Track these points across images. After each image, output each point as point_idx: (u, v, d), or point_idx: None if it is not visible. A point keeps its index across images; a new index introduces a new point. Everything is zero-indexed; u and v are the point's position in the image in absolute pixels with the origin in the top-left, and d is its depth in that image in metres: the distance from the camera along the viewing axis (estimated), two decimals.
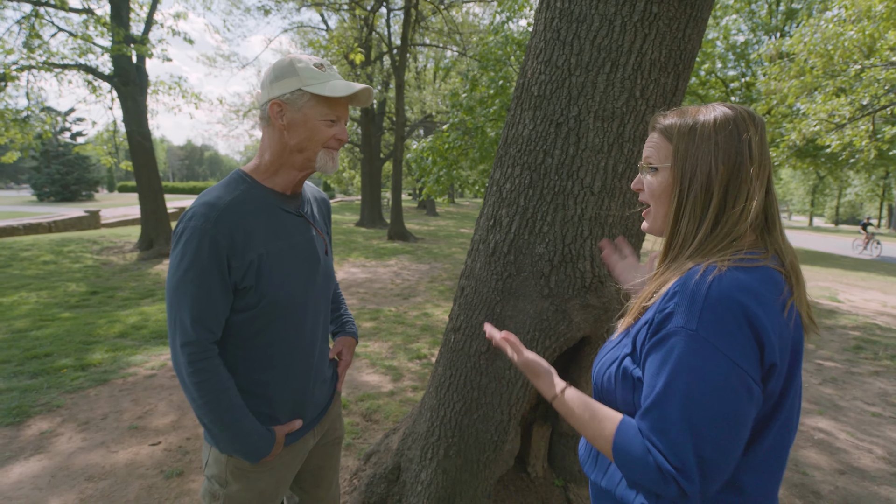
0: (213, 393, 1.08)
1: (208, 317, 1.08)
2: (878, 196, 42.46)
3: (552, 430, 2.36)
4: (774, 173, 5.60)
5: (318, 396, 1.35)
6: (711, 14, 17.09)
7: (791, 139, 8.82)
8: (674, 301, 0.76)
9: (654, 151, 0.88)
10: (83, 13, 9.56)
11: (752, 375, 0.71)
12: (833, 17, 7.97)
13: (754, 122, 0.81)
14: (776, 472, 0.81)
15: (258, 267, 1.11)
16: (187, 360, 1.07)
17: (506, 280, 1.83)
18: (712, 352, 0.71)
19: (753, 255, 0.78)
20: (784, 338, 0.74)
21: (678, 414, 0.72)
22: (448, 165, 7.48)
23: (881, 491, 2.61)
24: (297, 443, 1.31)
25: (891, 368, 4.54)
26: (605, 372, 0.90)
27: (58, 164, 34.20)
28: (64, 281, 7.10)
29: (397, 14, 16.72)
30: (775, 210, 0.83)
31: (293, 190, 1.24)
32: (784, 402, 0.77)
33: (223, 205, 1.09)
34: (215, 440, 1.16)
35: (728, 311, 0.71)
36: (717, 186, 0.80)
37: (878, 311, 7.00)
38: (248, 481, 1.22)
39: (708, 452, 0.71)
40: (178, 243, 1.08)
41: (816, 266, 12.61)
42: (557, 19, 1.70)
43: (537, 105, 1.74)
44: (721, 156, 0.80)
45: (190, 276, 1.06)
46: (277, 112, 1.13)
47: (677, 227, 0.84)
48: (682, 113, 0.86)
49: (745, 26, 17.63)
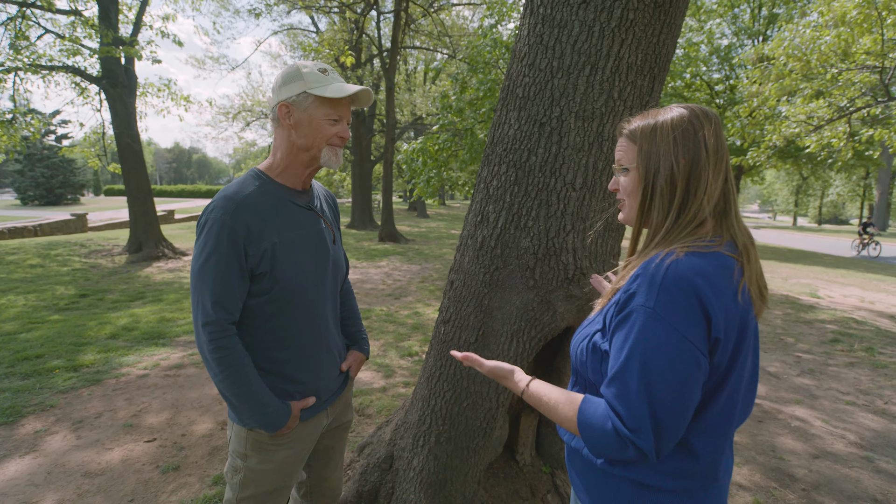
0: (231, 367, 1.19)
1: (227, 299, 1.19)
2: (860, 196, 43.33)
3: (539, 419, 2.45)
4: (758, 174, 5.79)
5: (332, 377, 1.46)
6: (696, 18, 17.41)
7: (772, 140, 9.05)
8: (636, 283, 0.86)
9: (623, 154, 0.98)
10: (70, 14, 9.51)
11: (699, 348, 0.81)
12: (811, 23, 8.21)
13: (708, 118, 0.90)
14: (724, 437, 0.90)
15: (272, 254, 1.23)
16: (208, 339, 1.18)
17: (493, 273, 1.92)
18: (667, 327, 0.80)
19: (709, 242, 0.88)
20: (731, 316, 0.84)
21: (636, 381, 0.81)
22: (438, 167, 7.57)
23: (852, 473, 2.74)
24: (312, 419, 1.41)
25: (865, 360, 4.71)
26: (579, 346, 1.00)
27: (42, 168, 33.70)
28: (52, 284, 7.06)
29: (387, 17, 16.80)
30: (732, 196, 0.93)
31: (303, 185, 1.37)
32: (731, 374, 0.87)
33: (240, 198, 1.21)
34: (236, 413, 1.26)
35: (681, 291, 0.81)
36: (679, 178, 0.89)
37: (856, 306, 7.21)
38: (267, 454, 1.32)
39: (661, 414, 0.80)
40: (202, 233, 1.20)
41: (799, 264, 12.89)
42: (540, 25, 1.79)
43: (522, 106, 1.83)
44: (681, 151, 0.89)
45: (211, 263, 1.17)
46: (285, 113, 1.26)
47: (647, 218, 0.94)
48: (644, 116, 0.95)
49: (728, 30, 17.98)
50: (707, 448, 0.89)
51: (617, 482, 0.94)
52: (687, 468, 0.89)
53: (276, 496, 1.38)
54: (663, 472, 0.89)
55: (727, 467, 0.95)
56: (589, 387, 1.00)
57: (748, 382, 0.91)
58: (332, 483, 1.65)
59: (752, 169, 15.80)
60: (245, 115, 22.25)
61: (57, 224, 15.01)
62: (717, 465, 0.91)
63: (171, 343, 4.60)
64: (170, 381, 3.69)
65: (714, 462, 0.90)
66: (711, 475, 0.91)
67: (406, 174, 8.25)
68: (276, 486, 1.36)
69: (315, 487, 1.63)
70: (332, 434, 1.59)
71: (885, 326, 6.01)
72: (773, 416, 3.45)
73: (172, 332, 4.89)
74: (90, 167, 10.57)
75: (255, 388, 1.23)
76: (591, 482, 0.99)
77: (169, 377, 3.78)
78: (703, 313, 0.80)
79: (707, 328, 0.81)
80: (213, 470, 2.56)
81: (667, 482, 0.89)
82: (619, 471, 0.93)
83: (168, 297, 6.51)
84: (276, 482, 1.36)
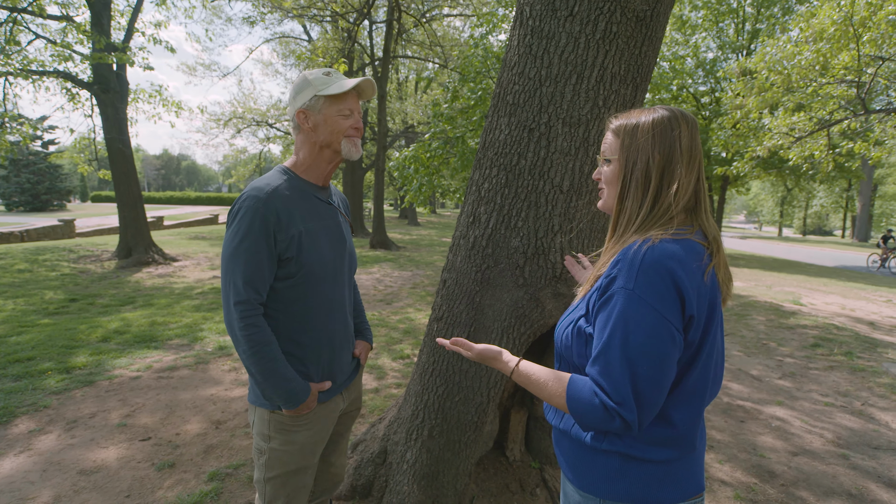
0: (259, 344, 1.29)
1: (257, 280, 1.29)
2: (842, 207, 44.29)
3: (528, 415, 2.53)
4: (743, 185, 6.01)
5: (347, 362, 1.58)
6: (682, 32, 17.81)
7: (755, 151, 9.30)
8: (617, 267, 0.94)
9: (607, 147, 1.08)
10: (62, 20, 9.52)
11: (675, 325, 0.89)
12: (791, 38, 8.49)
13: (686, 121, 1.00)
14: (698, 408, 0.99)
15: (299, 241, 1.34)
16: (239, 317, 1.27)
17: (484, 272, 2.00)
18: (645, 307, 0.88)
19: (681, 230, 0.97)
20: (702, 295, 0.92)
21: (618, 358, 0.89)
22: (430, 174, 7.67)
23: (829, 469, 2.84)
24: (330, 401, 1.51)
25: (844, 363, 4.85)
26: (564, 332, 1.07)
27: (28, 173, 33.25)
28: (41, 289, 7.01)
29: (379, 27, 16.99)
30: (703, 194, 1.02)
31: (324, 182, 1.50)
32: (703, 349, 0.95)
33: (270, 189, 1.32)
34: (261, 388, 1.35)
35: (657, 274, 0.89)
36: (654, 172, 0.98)
37: (837, 312, 7.41)
38: (289, 435, 1.42)
39: (642, 387, 0.88)
40: (234, 219, 1.30)
41: (783, 273, 13.17)
42: (529, 36, 1.90)
43: (512, 112, 1.93)
44: (657, 147, 0.98)
45: (244, 246, 1.27)
46: (303, 119, 1.40)
47: (623, 206, 1.03)
48: (629, 115, 1.05)
49: (713, 44, 18.44)
50: (683, 418, 0.97)
51: (604, 458, 1.00)
52: (667, 437, 0.97)
53: (300, 475, 1.47)
54: (646, 441, 0.97)
55: (702, 438, 1.04)
56: (574, 370, 1.06)
57: (718, 357, 1.00)
58: (336, 468, 1.75)
59: (738, 179, 16.13)
60: (236, 122, 22.24)
61: (44, 230, 14.85)
62: (693, 435, 0.99)
63: (163, 346, 4.60)
64: (163, 383, 3.71)
65: (690, 431, 0.98)
66: (689, 444, 0.99)
67: (398, 182, 8.33)
68: (298, 465, 1.45)
69: (321, 472, 1.72)
70: (342, 420, 1.69)
71: (863, 332, 6.19)
72: (755, 417, 3.56)
73: (164, 336, 4.89)
74: (77, 173, 10.51)
75: (278, 365, 1.33)
76: (579, 461, 1.04)
77: (162, 379, 3.79)
78: (677, 293, 0.89)
79: (682, 307, 0.90)
80: (208, 466, 2.59)
81: (651, 452, 0.97)
82: (607, 445, 0.99)
83: (159, 301, 6.50)
84: (299, 462, 1.45)
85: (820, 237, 49.69)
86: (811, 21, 7.89)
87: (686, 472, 1.00)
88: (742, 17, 17.14)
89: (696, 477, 1.01)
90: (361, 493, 2.28)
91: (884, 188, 38.49)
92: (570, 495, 1.08)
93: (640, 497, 0.97)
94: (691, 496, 0.99)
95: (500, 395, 2.18)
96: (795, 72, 7.91)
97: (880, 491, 2.63)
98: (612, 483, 0.98)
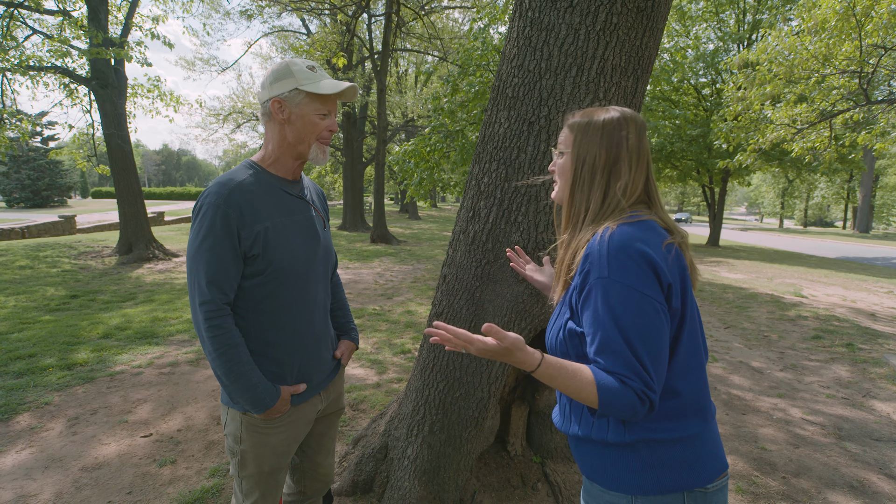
0: (225, 347, 1.25)
1: (222, 279, 1.25)
2: (843, 199, 44.15)
3: (529, 409, 2.52)
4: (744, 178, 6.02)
5: (324, 361, 1.52)
6: (683, 23, 17.68)
7: (758, 142, 9.25)
8: (588, 262, 0.97)
9: (562, 140, 1.13)
10: (59, 15, 9.46)
11: (656, 298, 0.92)
12: (792, 29, 8.41)
13: (635, 122, 1.05)
14: (698, 374, 1.01)
15: (265, 238, 1.29)
16: (204, 318, 1.23)
17: (484, 267, 1.99)
18: (625, 289, 0.91)
19: (636, 214, 1.02)
20: (671, 265, 0.96)
21: (622, 344, 0.90)
22: (430, 168, 7.64)
23: (830, 461, 2.84)
24: (306, 403, 1.46)
25: (845, 355, 4.85)
26: (556, 339, 1.07)
27: (28, 170, 33.22)
28: (42, 285, 7.01)
29: (378, 19, 16.87)
30: (655, 192, 1.07)
31: (293, 176, 1.44)
32: (686, 315, 0.99)
33: (233, 185, 1.28)
34: (227, 392, 1.31)
35: (626, 255, 0.93)
36: (600, 168, 1.04)
37: (838, 304, 7.40)
38: (262, 437, 1.38)
39: (650, 365, 0.90)
40: (196, 217, 1.26)
41: (784, 264, 13.14)
42: (529, 28, 1.87)
43: (511, 105, 1.91)
44: (604, 144, 1.04)
45: (206, 245, 1.23)
46: (278, 108, 1.32)
47: (573, 198, 1.08)
48: (585, 113, 1.10)
49: (714, 35, 18.28)
50: (689, 386, 0.99)
51: (631, 452, 0.99)
52: (679, 407, 0.98)
53: (274, 474, 1.44)
54: (662, 419, 0.97)
55: (712, 409, 1.06)
56: None
57: (699, 323, 1.03)
58: (324, 469, 1.70)
59: (739, 171, 16.06)
60: (236, 116, 22.17)
61: (44, 226, 14.84)
62: (705, 400, 1.02)
63: (164, 342, 4.61)
64: (164, 379, 3.72)
65: (700, 397, 1.01)
66: (704, 411, 1.01)
67: (398, 176, 8.31)
68: (272, 466, 1.42)
69: (309, 473, 1.68)
70: (325, 420, 1.64)
71: (864, 324, 6.18)
72: (756, 409, 3.56)
73: (166, 332, 4.90)
74: (77, 169, 10.48)
75: (245, 369, 1.28)
76: (606, 462, 1.02)
77: (163, 375, 3.80)
78: (650, 268, 0.92)
79: (658, 279, 0.93)
80: (209, 463, 2.60)
81: (672, 430, 0.98)
82: (630, 436, 0.98)
83: (160, 297, 6.50)
84: (273, 463, 1.41)
85: (821, 228, 49.61)
86: (813, 11, 7.81)
87: (709, 451, 1.01)
88: (743, 7, 16.98)
89: (718, 454, 1.02)
90: (363, 488, 2.28)
91: (885, 179, 38.35)
92: (599, 497, 1.05)
93: (669, 485, 0.97)
94: (716, 476, 1.00)
95: (501, 390, 2.18)
96: (797, 63, 7.84)
97: (881, 482, 2.63)
98: (641, 476, 0.99)
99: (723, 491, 1.02)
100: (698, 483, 0.98)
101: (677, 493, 0.98)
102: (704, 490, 0.99)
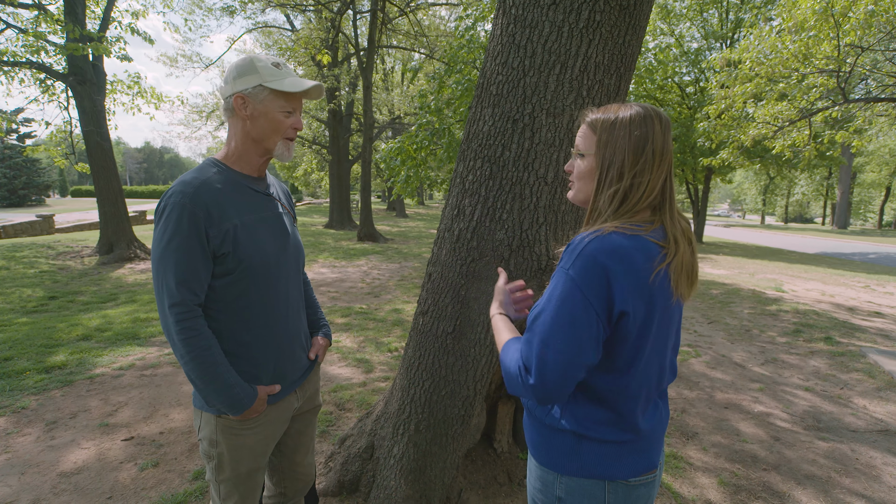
0: (197, 349, 1.22)
1: (191, 280, 1.22)
2: (822, 195, 45.10)
3: (516, 406, 2.53)
4: (726, 175, 6.11)
5: (298, 359, 1.49)
6: (667, 22, 17.84)
7: (740, 139, 9.39)
8: (567, 250, 0.98)
9: (582, 141, 1.07)
10: (34, 9, 9.21)
11: (596, 309, 0.93)
12: (773, 28, 8.55)
13: (660, 120, 1.01)
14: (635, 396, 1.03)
15: (234, 235, 1.26)
16: (175, 320, 1.20)
17: (469, 265, 1.98)
18: (574, 288, 0.93)
19: (636, 226, 0.98)
20: (642, 292, 0.95)
21: (540, 329, 0.95)
22: (417, 165, 7.61)
23: (808, 454, 2.90)
24: (282, 401, 1.44)
25: (823, 349, 4.96)
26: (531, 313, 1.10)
27: (4, 168, 32.39)
28: (18, 287, 6.84)
29: (364, 16, 16.74)
30: (670, 192, 1.04)
31: (258, 172, 1.42)
32: (645, 344, 0.99)
33: (198, 183, 1.24)
34: (202, 395, 1.28)
35: (591, 261, 0.93)
36: (627, 170, 0.99)
37: (817, 299, 7.56)
38: (238, 439, 1.35)
39: (549, 355, 0.93)
40: (161, 218, 1.22)
41: (766, 260, 13.39)
42: (512, 25, 1.87)
43: (495, 103, 1.91)
44: (632, 146, 0.99)
45: (173, 245, 1.20)
46: (241, 104, 1.30)
47: (597, 200, 1.04)
48: (606, 110, 1.05)
49: (698, 34, 18.51)
50: (623, 405, 1.02)
51: (561, 436, 1.05)
52: (608, 419, 1.03)
53: (252, 476, 1.41)
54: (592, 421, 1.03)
55: (653, 421, 1.08)
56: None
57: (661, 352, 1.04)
58: (303, 468, 1.68)
59: (722, 168, 16.30)
60: (219, 113, 21.82)
61: (22, 226, 14.47)
62: (634, 420, 1.03)
63: (146, 343, 4.53)
64: (146, 381, 3.65)
65: (631, 416, 1.03)
66: (632, 428, 1.03)
67: (385, 173, 8.26)
68: (249, 468, 1.39)
69: (288, 473, 1.65)
70: (301, 418, 1.61)
71: (842, 318, 6.32)
72: (737, 403, 3.62)
73: (147, 333, 4.81)
74: (56, 167, 10.24)
75: (220, 370, 1.25)
76: (540, 438, 1.09)
77: (145, 377, 3.73)
78: (606, 285, 0.93)
79: (608, 297, 0.93)
80: (192, 465, 2.56)
81: (598, 432, 1.02)
82: (561, 424, 1.04)
83: (142, 297, 6.39)
84: (250, 464, 1.39)
85: (801, 225, 50.61)
86: (793, 11, 7.94)
87: (637, 452, 1.05)
88: (726, 5, 17.21)
89: (648, 456, 1.06)
90: (349, 488, 2.27)
91: (862, 176, 39.22)
92: (533, 471, 1.13)
93: (593, 472, 1.02)
94: (642, 472, 1.04)
95: (487, 388, 2.18)
96: (778, 62, 7.97)
97: (859, 473, 2.69)
98: (568, 459, 1.04)
99: (648, 486, 1.05)
100: (620, 476, 1.02)
101: (599, 481, 1.02)
102: (626, 483, 1.03)
